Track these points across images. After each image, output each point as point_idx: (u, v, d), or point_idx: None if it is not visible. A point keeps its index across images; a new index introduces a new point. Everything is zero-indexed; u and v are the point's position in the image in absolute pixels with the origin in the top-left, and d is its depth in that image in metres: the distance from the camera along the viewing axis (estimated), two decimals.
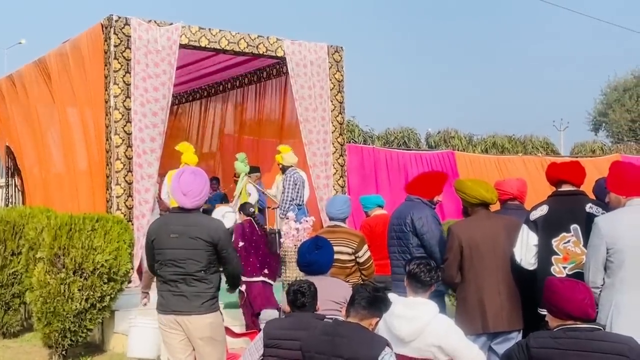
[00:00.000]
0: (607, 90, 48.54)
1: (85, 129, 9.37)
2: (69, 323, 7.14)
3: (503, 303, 4.93)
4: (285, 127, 11.55)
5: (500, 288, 4.94)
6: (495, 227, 5.03)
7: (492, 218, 5.16)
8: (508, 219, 5.21)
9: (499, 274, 4.96)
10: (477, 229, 5.03)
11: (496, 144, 31.33)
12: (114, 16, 8.69)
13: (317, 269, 4.89)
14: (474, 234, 5.00)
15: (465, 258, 4.97)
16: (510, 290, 4.98)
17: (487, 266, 4.94)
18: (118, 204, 8.53)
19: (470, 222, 5.13)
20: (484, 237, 4.99)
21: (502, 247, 4.98)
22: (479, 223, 5.07)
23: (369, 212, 7.73)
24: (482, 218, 5.10)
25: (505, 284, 4.96)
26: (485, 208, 5.14)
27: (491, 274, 4.94)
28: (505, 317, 4.92)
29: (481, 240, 4.98)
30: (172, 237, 4.57)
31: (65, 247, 7.11)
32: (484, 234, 5.00)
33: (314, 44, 10.40)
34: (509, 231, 5.01)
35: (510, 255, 4.96)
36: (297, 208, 9.30)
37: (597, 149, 30.82)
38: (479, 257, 4.95)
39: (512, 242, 4.95)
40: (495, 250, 4.97)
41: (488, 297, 4.90)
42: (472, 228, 5.05)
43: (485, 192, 5.08)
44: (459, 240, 4.99)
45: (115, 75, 8.60)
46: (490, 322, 4.88)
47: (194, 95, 13.83)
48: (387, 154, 13.31)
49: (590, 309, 3.54)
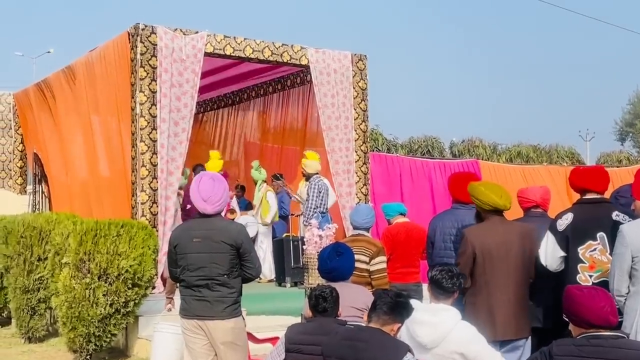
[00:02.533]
0: (635, 100, 48.07)
1: (112, 136, 9.48)
2: (94, 328, 7.21)
3: (513, 311, 4.87)
4: (308, 135, 11.59)
5: (510, 296, 4.88)
6: (509, 235, 4.97)
7: (505, 224, 5.06)
8: (522, 225, 5.15)
9: (510, 282, 4.89)
10: (490, 236, 4.95)
11: (521, 153, 31.15)
12: (141, 25, 8.80)
13: (338, 276, 4.88)
14: (488, 240, 4.93)
15: (477, 264, 4.90)
16: (520, 298, 4.94)
17: (499, 273, 4.87)
18: (143, 211, 8.61)
19: (484, 228, 5.04)
20: (497, 244, 4.92)
21: (514, 254, 4.92)
22: (492, 229, 4.98)
23: (391, 219, 7.71)
24: (496, 224, 5.01)
25: (515, 292, 4.91)
26: (498, 214, 5.04)
27: (502, 282, 4.87)
28: (514, 325, 4.86)
29: (494, 247, 4.92)
30: (195, 242, 4.61)
31: (90, 252, 7.19)
32: (497, 241, 4.93)
33: (338, 52, 10.44)
34: (522, 238, 4.96)
35: (522, 263, 4.92)
36: (320, 216, 9.32)
37: (623, 159, 30.53)
38: (491, 264, 4.87)
39: (525, 249, 4.91)
40: (507, 258, 4.90)
41: (498, 305, 4.84)
42: (486, 234, 4.97)
43: (498, 199, 4.98)
44: (472, 245, 4.92)
45: (141, 83, 8.70)
46: (500, 330, 4.82)
47: (218, 103, 13.94)
48: (411, 163, 13.26)
49: (612, 316, 3.49)
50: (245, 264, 4.67)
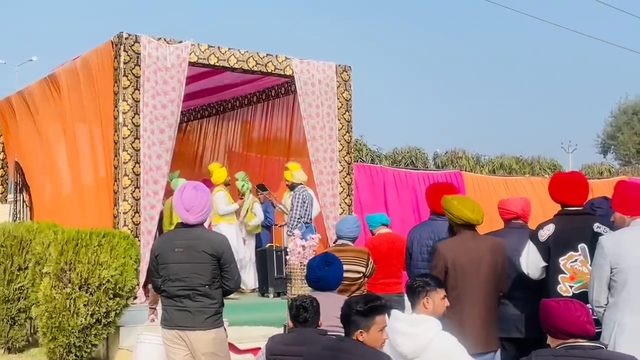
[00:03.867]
0: (617, 113, 48.55)
1: (94, 145, 9.43)
2: (74, 338, 7.15)
3: (483, 324, 4.86)
4: (293, 145, 11.59)
5: (481, 310, 4.88)
6: (481, 249, 4.96)
7: (477, 239, 5.06)
8: (493, 240, 5.15)
9: (481, 296, 4.89)
10: (462, 250, 4.94)
11: (504, 164, 31.36)
12: (124, 34, 8.78)
13: (325, 285, 4.88)
14: (460, 254, 4.92)
15: (449, 278, 4.86)
16: (489, 312, 4.94)
17: (470, 288, 4.85)
18: (125, 220, 8.57)
19: (456, 242, 5.02)
20: (468, 259, 4.91)
21: (485, 269, 4.92)
22: (464, 244, 4.97)
23: (374, 230, 7.74)
24: (468, 238, 5.00)
25: (485, 306, 4.91)
26: (470, 229, 5.03)
27: (473, 296, 4.86)
28: (484, 338, 4.85)
29: (466, 262, 4.90)
30: (176, 252, 4.60)
31: (71, 262, 7.15)
32: (468, 256, 4.92)
33: (322, 63, 10.47)
34: (493, 253, 4.97)
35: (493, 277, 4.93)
36: (305, 226, 9.33)
37: (604, 170, 30.80)
38: (462, 278, 4.85)
39: (497, 264, 4.94)
40: (478, 272, 4.90)
41: (469, 318, 4.81)
42: (458, 248, 4.96)
43: (471, 214, 4.96)
44: (444, 259, 4.90)
45: (124, 92, 8.67)
46: (471, 343, 4.79)
47: (202, 112, 13.91)
48: (395, 173, 13.31)
49: (589, 325, 3.52)
50: (225, 275, 4.66)
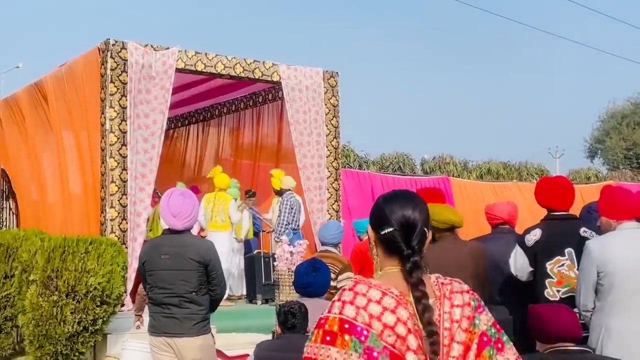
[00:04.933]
0: (605, 118, 48.85)
1: (81, 152, 9.39)
2: (61, 346, 7.10)
3: None
4: (282, 151, 11.60)
5: None
6: (462, 254, 4.97)
7: (458, 243, 5.08)
8: (472, 244, 5.17)
9: None
10: (444, 256, 4.90)
11: (491, 170, 31.47)
12: (111, 40, 8.76)
13: (313, 292, 4.87)
14: (442, 260, 4.92)
15: None
16: None
17: None
18: (112, 227, 8.53)
19: (438, 248, 4.99)
20: (450, 265, 4.93)
21: (469, 276, 4.93)
22: (446, 249, 4.97)
23: (361, 236, 7.74)
24: (449, 243, 5.01)
25: None
26: (452, 232, 5.04)
27: None
28: None
29: (448, 268, 4.91)
30: (163, 259, 4.59)
31: (58, 269, 7.10)
32: (450, 262, 4.92)
33: (310, 69, 10.48)
34: (475, 259, 4.97)
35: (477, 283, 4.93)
36: (292, 232, 9.32)
37: (592, 175, 30.97)
38: None
39: (479, 270, 4.94)
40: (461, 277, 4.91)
41: None
42: (440, 254, 4.91)
43: (453, 216, 5.00)
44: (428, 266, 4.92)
45: (111, 99, 8.65)
46: None
47: (189, 119, 13.89)
48: (382, 179, 13.35)
49: (576, 328, 3.54)
50: (212, 282, 4.65)
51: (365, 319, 1.95)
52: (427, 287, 2.07)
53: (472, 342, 2.06)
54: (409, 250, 2.09)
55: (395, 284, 2.05)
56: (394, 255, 2.11)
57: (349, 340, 1.92)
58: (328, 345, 1.94)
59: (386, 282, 2.06)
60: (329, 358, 1.93)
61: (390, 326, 1.95)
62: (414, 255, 2.08)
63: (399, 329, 1.95)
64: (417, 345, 1.95)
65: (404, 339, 1.94)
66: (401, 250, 2.09)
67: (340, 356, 1.92)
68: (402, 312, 1.97)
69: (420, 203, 2.15)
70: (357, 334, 1.93)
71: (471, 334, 2.06)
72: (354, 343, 1.92)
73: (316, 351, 1.96)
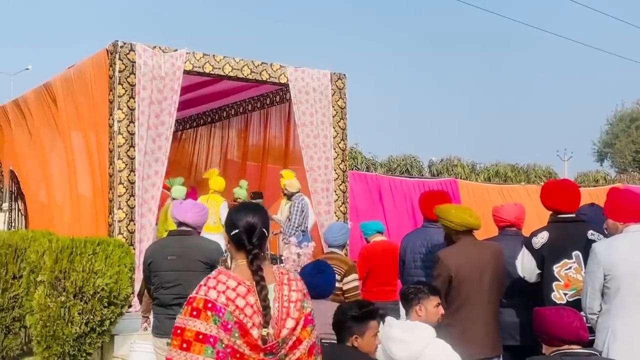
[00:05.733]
0: (614, 120, 48.68)
1: (89, 154, 9.43)
2: (69, 347, 7.12)
3: (488, 330, 4.88)
4: (289, 153, 11.61)
5: (485, 316, 4.90)
6: (483, 255, 4.99)
7: (477, 245, 5.09)
8: (493, 246, 5.18)
9: (485, 301, 4.91)
10: (465, 258, 4.95)
11: (499, 172, 31.40)
12: (119, 42, 8.80)
13: (318, 293, 4.85)
14: (463, 262, 4.93)
15: (452, 287, 4.87)
16: (493, 317, 4.97)
17: (474, 294, 4.86)
18: (120, 228, 8.56)
19: (458, 250, 5.04)
20: (472, 266, 4.92)
21: (489, 275, 4.93)
22: (466, 251, 4.99)
23: (368, 238, 7.74)
24: (469, 245, 5.02)
25: (489, 312, 4.94)
26: (469, 235, 5.05)
27: (477, 302, 4.88)
28: (490, 344, 4.87)
29: (469, 269, 4.91)
30: (169, 259, 4.60)
31: (66, 270, 7.12)
32: (472, 263, 4.93)
33: (317, 71, 10.49)
34: (495, 258, 4.99)
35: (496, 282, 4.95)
36: (301, 234, 9.33)
37: (600, 178, 30.87)
38: (466, 285, 4.86)
39: (498, 269, 4.97)
40: (482, 279, 4.91)
41: (474, 325, 4.82)
42: (460, 256, 4.97)
43: (470, 218, 5.00)
44: (448, 269, 4.91)
45: (119, 101, 8.68)
46: (477, 350, 4.79)
47: (197, 121, 13.93)
48: (390, 181, 13.34)
49: (582, 330, 3.53)
50: None
51: (224, 301, 2.61)
52: (267, 274, 2.72)
53: (300, 319, 2.76)
54: (251, 246, 2.72)
55: (247, 277, 2.68)
56: (241, 250, 2.75)
57: (210, 315, 2.58)
58: (194, 318, 2.60)
59: (240, 274, 2.70)
60: (194, 327, 2.59)
61: (240, 308, 2.61)
62: (254, 250, 2.72)
63: (247, 310, 2.62)
64: (258, 322, 2.62)
65: (250, 317, 2.62)
66: (245, 246, 2.73)
67: (203, 326, 2.57)
68: (250, 298, 2.64)
69: (259, 212, 2.82)
70: (217, 311, 2.59)
71: (300, 313, 2.76)
72: (214, 317, 2.58)
73: (185, 322, 2.62)
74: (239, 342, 2.60)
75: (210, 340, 2.56)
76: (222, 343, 2.58)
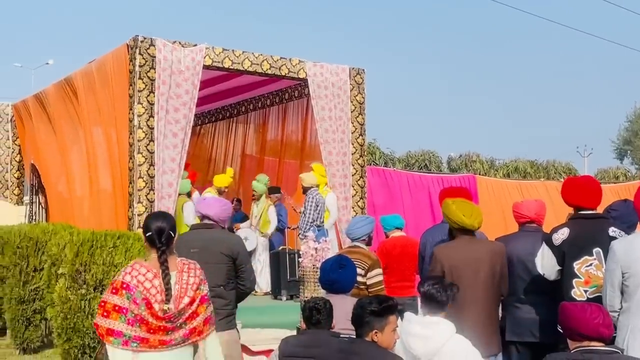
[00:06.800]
0: (633, 117, 48.22)
1: (109, 147, 9.50)
2: (89, 339, 7.17)
3: (482, 328, 4.83)
4: (307, 148, 11.62)
5: (479, 314, 4.87)
6: (479, 253, 4.96)
7: (475, 243, 5.06)
8: (493, 244, 5.15)
9: (479, 299, 4.88)
10: (459, 254, 4.94)
11: (518, 168, 31.23)
12: (140, 37, 8.85)
13: (339, 288, 4.86)
14: (457, 259, 4.91)
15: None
16: (487, 316, 4.94)
17: (468, 291, 4.81)
18: (140, 222, 8.61)
19: (454, 246, 5.03)
20: (465, 263, 4.89)
21: (484, 273, 4.90)
22: (462, 248, 4.98)
23: (388, 233, 7.73)
24: (465, 243, 5.01)
25: (484, 310, 4.91)
26: (467, 234, 5.03)
27: (471, 301, 4.84)
28: (484, 342, 4.80)
29: (463, 267, 4.89)
30: (192, 252, 4.63)
31: (86, 263, 7.17)
32: (466, 260, 4.91)
33: (336, 66, 10.49)
34: (492, 257, 4.96)
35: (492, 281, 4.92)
36: (317, 229, 9.32)
37: (620, 175, 30.61)
38: (459, 282, 4.75)
39: (496, 268, 4.94)
40: (476, 277, 4.89)
41: (466, 322, 4.74)
42: (454, 252, 4.96)
43: (466, 218, 4.96)
44: (441, 264, 4.91)
45: (139, 95, 8.73)
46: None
47: (216, 116, 13.98)
48: (408, 177, 13.30)
49: (604, 327, 3.49)
50: (240, 276, 4.69)
51: (135, 283, 3.54)
52: (172, 264, 3.61)
53: (197, 298, 3.64)
54: (160, 244, 3.61)
55: (156, 266, 3.59)
56: (153, 247, 3.64)
57: (124, 293, 3.54)
58: (113, 294, 3.56)
59: (152, 264, 3.62)
60: (113, 301, 3.55)
61: (147, 288, 3.53)
62: (162, 247, 3.60)
63: (152, 290, 3.53)
64: (160, 299, 3.51)
65: (154, 296, 3.52)
66: (156, 244, 3.61)
67: (119, 300, 3.53)
68: (155, 282, 3.56)
69: (167, 218, 3.73)
70: (130, 290, 3.54)
71: (196, 293, 3.63)
72: (127, 295, 3.54)
73: (107, 297, 3.58)
74: (145, 312, 3.49)
75: (123, 311, 3.52)
76: (132, 313, 3.51)
